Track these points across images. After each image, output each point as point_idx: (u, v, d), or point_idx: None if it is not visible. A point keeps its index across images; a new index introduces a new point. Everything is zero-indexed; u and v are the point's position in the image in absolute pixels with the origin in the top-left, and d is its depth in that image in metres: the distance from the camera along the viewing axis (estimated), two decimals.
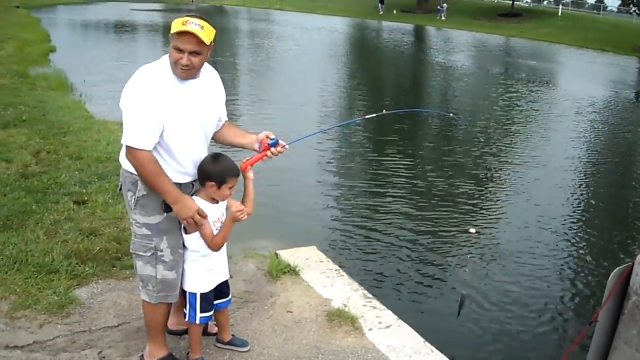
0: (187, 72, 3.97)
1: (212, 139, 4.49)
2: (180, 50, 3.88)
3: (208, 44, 3.93)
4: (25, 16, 42.95)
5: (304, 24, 53.46)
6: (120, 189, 4.30)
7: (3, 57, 20.34)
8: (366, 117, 5.62)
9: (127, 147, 3.95)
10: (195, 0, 79.02)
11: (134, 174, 4.08)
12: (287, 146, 4.54)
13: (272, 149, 4.47)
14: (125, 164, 4.13)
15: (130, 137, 3.91)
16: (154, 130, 3.91)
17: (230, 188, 4.32)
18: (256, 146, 4.53)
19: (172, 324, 4.92)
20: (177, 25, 3.86)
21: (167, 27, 3.99)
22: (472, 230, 9.11)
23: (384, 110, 5.46)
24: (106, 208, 7.27)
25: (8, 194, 7.54)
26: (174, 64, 3.94)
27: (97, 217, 7.07)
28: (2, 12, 43.86)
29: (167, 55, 4.03)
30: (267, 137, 4.49)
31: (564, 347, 6.46)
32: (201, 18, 3.94)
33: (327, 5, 74.17)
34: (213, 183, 4.22)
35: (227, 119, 4.62)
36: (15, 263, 5.81)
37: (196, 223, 4.16)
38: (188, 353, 4.61)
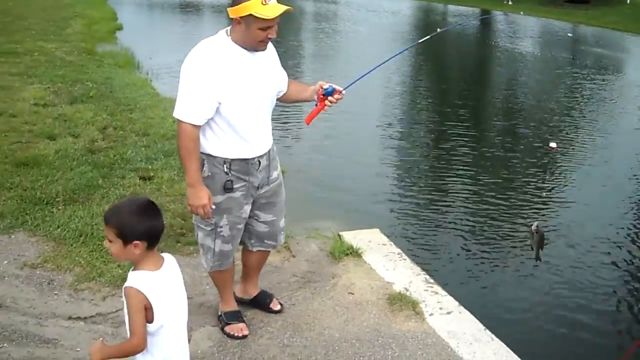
0: (267, 45, 4.08)
1: (277, 100, 4.52)
2: (269, 27, 3.94)
3: None
4: None
5: (367, 5, 53.13)
6: None
7: (71, 35, 20.62)
8: (419, 41, 5.60)
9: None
10: None
11: (202, 153, 4.13)
12: (343, 92, 4.50)
13: (330, 97, 4.45)
14: None
15: (177, 109, 4.01)
16: (203, 105, 3.97)
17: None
18: (315, 98, 4.54)
19: (238, 291, 5.05)
20: (259, 8, 3.85)
21: None
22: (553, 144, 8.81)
23: (437, 29, 5.41)
24: (172, 184, 7.33)
25: (75, 168, 7.66)
26: (258, 42, 3.99)
27: (163, 193, 7.15)
28: None
29: (224, 30, 4.09)
30: (321, 87, 4.48)
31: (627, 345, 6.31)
32: None
33: None
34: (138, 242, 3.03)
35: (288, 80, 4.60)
36: (80, 236, 5.91)
37: (199, 214, 4.19)
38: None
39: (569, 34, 42.48)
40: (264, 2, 3.84)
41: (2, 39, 17.82)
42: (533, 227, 5.71)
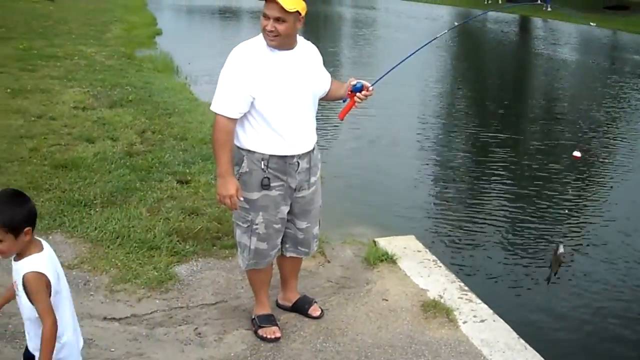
0: (275, 40, 4.10)
1: (321, 99, 4.60)
2: (267, 17, 4.03)
3: (291, 11, 3.99)
4: None
5: (408, 12, 53.06)
6: None
7: (110, 39, 20.85)
8: (437, 36, 5.64)
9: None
10: None
11: (241, 149, 4.27)
12: (371, 88, 4.55)
13: (358, 94, 4.51)
14: (236, 140, 4.28)
15: (213, 102, 4.18)
16: (237, 99, 4.10)
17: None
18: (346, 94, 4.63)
19: (279, 298, 5.13)
20: None
21: None
22: (577, 153, 8.76)
23: (455, 23, 5.44)
24: (208, 188, 7.35)
25: (113, 171, 7.73)
26: (263, 32, 4.11)
27: (200, 197, 7.18)
28: None
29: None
30: (350, 84, 4.55)
31: None
32: None
33: None
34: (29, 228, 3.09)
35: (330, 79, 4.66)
36: (117, 238, 5.97)
37: (226, 205, 4.29)
38: None
39: (592, 23, 42.12)
40: None
41: (43, 43, 18.05)
42: (559, 251, 5.78)
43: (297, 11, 4.03)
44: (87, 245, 5.87)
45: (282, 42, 4.14)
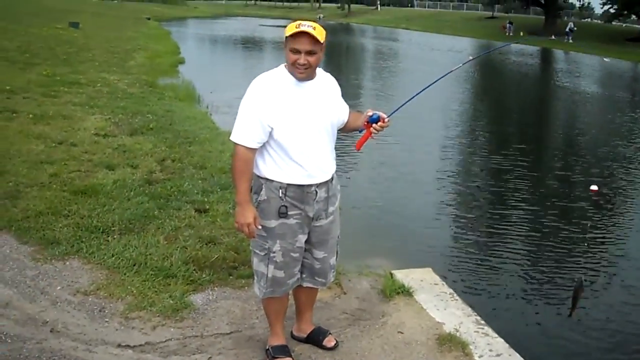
0: (305, 72, 4.15)
1: (340, 130, 4.63)
2: (297, 51, 4.07)
3: (322, 42, 4.08)
4: (156, 28, 44.56)
5: (430, 44, 53.23)
6: None
7: (134, 67, 21.07)
8: (453, 69, 5.64)
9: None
10: (323, 18, 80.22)
11: (260, 177, 4.32)
12: (387, 119, 4.54)
13: (375, 125, 4.50)
14: (255, 169, 4.32)
15: (233, 132, 4.22)
16: (256, 128, 4.14)
17: None
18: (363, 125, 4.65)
19: (294, 330, 5.11)
20: (291, 28, 4.06)
21: None
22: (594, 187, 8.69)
23: (470, 57, 5.46)
24: (227, 218, 7.36)
25: (132, 198, 7.76)
26: (292, 66, 4.13)
27: (217, 226, 7.18)
28: (134, 24, 45.59)
29: (284, 64, 4.24)
30: (367, 115, 4.56)
31: None
32: (312, 21, 4.17)
33: (454, 26, 73.98)
34: None
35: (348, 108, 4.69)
36: (134, 265, 5.98)
37: (244, 232, 4.31)
38: None
39: (605, 59, 42.12)
40: (297, 26, 4.05)
41: (66, 70, 18.27)
42: (577, 283, 5.73)
43: (323, 41, 4.11)
44: (104, 272, 5.87)
45: (311, 73, 4.22)
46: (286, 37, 4.08)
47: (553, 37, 54.11)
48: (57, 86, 15.33)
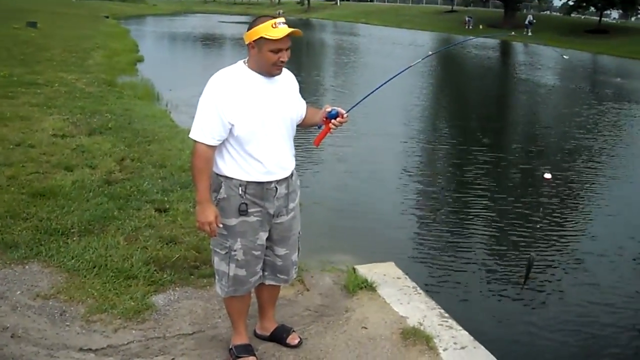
0: (280, 68, 4.20)
1: (297, 126, 4.63)
2: (280, 50, 4.08)
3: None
4: (114, 26, 44.24)
5: (391, 38, 53.39)
6: None
7: (92, 66, 20.89)
8: (411, 65, 5.66)
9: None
10: (282, 14, 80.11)
11: (219, 175, 4.29)
12: (346, 115, 4.58)
13: (333, 120, 4.54)
14: (214, 167, 4.31)
15: (192, 128, 4.19)
16: (216, 125, 4.11)
17: None
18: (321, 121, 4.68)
19: (257, 328, 5.09)
20: (269, 30, 4.02)
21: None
22: (548, 175, 8.80)
23: (429, 52, 5.51)
24: (187, 216, 7.31)
25: (91, 199, 7.68)
26: (271, 66, 4.13)
27: (178, 225, 7.13)
28: (92, 22, 45.18)
29: (243, 60, 4.26)
30: (325, 111, 4.59)
31: None
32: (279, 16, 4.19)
33: (413, 20, 74.29)
34: None
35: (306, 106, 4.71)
36: (94, 267, 5.90)
37: (205, 231, 4.30)
38: None
39: (564, 56, 42.61)
40: (273, 25, 4.02)
41: (23, 70, 18.07)
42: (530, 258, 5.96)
43: None
44: (64, 275, 5.79)
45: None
46: (261, 38, 4.04)
47: (513, 33, 54.63)
48: (14, 87, 15.15)
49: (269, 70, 4.16)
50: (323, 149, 6.22)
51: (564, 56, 43.82)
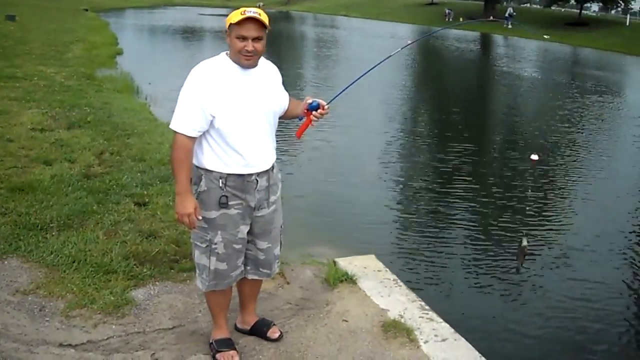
0: (251, 59, 4.15)
1: (280, 118, 4.62)
2: (244, 38, 4.06)
3: (267, 27, 4.10)
4: (93, 19, 43.96)
5: (372, 31, 53.37)
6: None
7: (71, 59, 20.76)
8: (391, 54, 5.66)
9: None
10: (262, 6, 79.90)
11: (199, 168, 4.28)
12: (326, 106, 4.59)
13: (314, 112, 4.56)
14: (194, 159, 4.29)
15: (173, 119, 4.17)
16: (196, 116, 4.10)
17: None
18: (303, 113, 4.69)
19: (238, 322, 5.08)
20: (236, 15, 4.04)
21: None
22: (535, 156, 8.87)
23: (408, 41, 5.56)
24: (166, 210, 7.28)
25: (70, 193, 7.63)
26: (238, 54, 4.12)
27: (157, 219, 7.10)
28: (71, 15, 44.91)
29: (225, 52, 4.25)
30: (307, 102, 4.60)
31: None
32: (255, 7, 4.16)
33: (394, 12, 74.26)
34: None
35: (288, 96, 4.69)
36: (73, 262, 5.87)
37: (184, 223, 4.29)
38: None
39: (545, 36, 42.96)
40: (242, 13, 4.03)
41: (2, 64, 17.93)
42: (523, 244, 6.07)
43: (268, 27, 4.12)
44: (43, 270, 5.76)
45: (256, 60, 4.20)
46: (231, 24, 4.07)
47: (491, 17, 54.82)
48: None
49: (239, 60, 4.14)
50: (304, 141, 6.23)
51: (545, 36, 44.04)
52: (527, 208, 10.23)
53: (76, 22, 39.76)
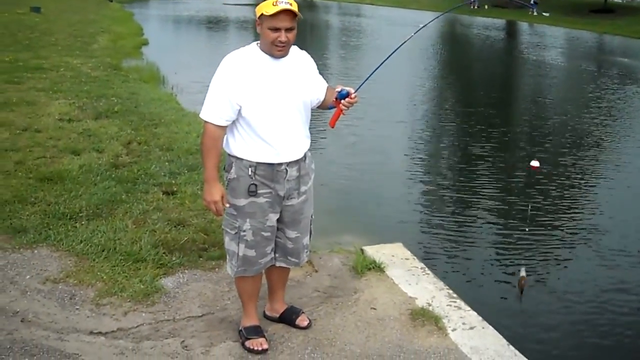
0: (284, 50, 4.14)
1: (318, 108, 4.63)
2: (277, 29, 4.04)
3: (299, 16, 4.08)
4: (118, 10, 44.10)
5: (398, 19, 53.12)
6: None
7: (97, 50, 20.85)
8: (407, 39, 5.62)
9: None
10: None
11: (231, 155, 4.30)
12: (354, 94, 4.52)
13: (343, 101, 4.49)
14: (226, 147, 4.32)
15: (202, 109, 4.20)
16: (224, 106, 4.13)
17: None
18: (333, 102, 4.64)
19: (267, 309, 5.08)
20: (268, 6, 4.00)
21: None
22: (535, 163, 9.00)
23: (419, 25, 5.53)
24: (195, 199, 7.30)
25: (99, 183, 7.67)
26: (270, 45, 4.10)
27: (186, 208, 7.13)
28: (97, 6, 45.07)
29: (256, 42, 4.23)
30: (336, 91, 4.55)
31: None
32: None
33: (419, 0, 73.72)
34: None
35: (326, 86, 4.67)
36: (103, 251, 5.90)
37: (212, 210, 4.33)
38: None
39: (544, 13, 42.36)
40: (274, 3, 3.99)
41: (28, 55, 18.04)
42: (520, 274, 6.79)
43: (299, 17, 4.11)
44: (73, 259, 5.80)
45: (288, 50, 4.20)
46: (262, 15, 4.04)
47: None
48: (19, 72, 15.13)
49: (270, 50, 4.13)
50: (333, 131, 6.23)
51: (544, 13, 43.68)
52: (557, 198, 10.17)
53: (101, 13, 39.92)
